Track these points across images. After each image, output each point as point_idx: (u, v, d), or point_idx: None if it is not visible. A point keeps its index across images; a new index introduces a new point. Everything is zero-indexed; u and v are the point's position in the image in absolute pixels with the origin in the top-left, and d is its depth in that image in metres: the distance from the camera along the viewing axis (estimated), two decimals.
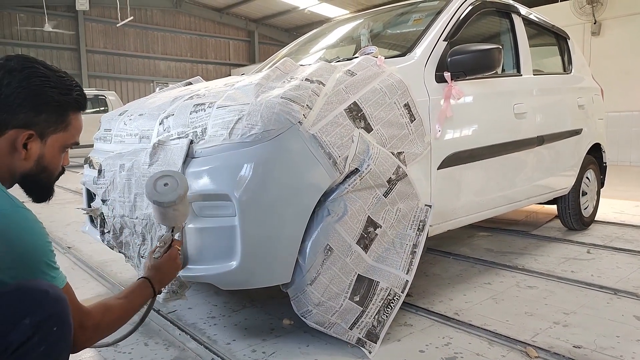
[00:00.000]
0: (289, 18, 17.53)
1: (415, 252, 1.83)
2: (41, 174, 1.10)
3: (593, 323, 1.96)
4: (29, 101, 1.04)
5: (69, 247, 3.28)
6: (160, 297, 1.78)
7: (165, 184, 1.33)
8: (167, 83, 15.90)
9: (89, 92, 11.18)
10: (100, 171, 2.10)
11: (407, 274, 1.80)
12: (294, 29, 18.55)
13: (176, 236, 1.47)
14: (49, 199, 1.18)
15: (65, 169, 1.19)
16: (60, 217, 4.45)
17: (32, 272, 0.97)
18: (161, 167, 1.74)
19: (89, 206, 2.35)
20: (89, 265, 2.83)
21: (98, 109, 10.25)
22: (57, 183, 1.19)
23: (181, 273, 1.69)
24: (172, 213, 1.35)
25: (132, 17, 14.63)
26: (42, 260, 0.99)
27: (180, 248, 1.45)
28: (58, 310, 0.96)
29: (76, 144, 1.16)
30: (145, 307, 1.40)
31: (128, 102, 2.62)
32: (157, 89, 2.96)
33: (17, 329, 0.91)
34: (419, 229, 1.86)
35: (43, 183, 1.13)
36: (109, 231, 2.06)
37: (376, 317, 1.75)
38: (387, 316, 1.77)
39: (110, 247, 2.14)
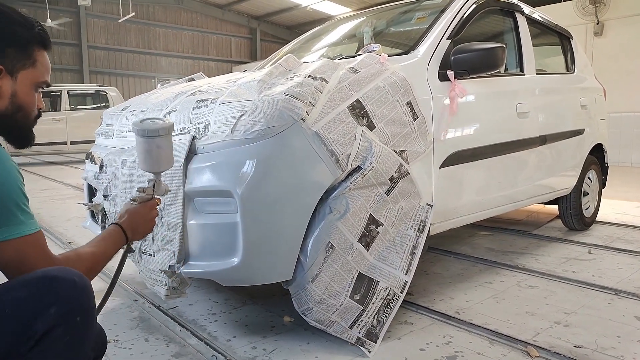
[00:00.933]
0: (291, 15, 17.51)
1: (414, 253, 1.83)
2: (17, 114, 1.09)
3: (594, 323, 1.95)
4: None
5: (69, 243, 3.28)
6: (161, 294, 1.79)
7: (152, 121, 1.32)
8: (168, 79, 15.90)
9: (90, 87, 11.20)
10: (101, 166, 2.09)
11: (406, 274, 1.80)
12: (296, 26, 18.52)
13: (158, 195, 1.38)
14: (30, 144, 1.17)
15: (42, 113, 1.18)
16: (61, 212, 4.45)
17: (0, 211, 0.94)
18: None
19: (90, 201, 2.35)
20: None
21: (99, 105, 10.25)
22: (57, 178, 1.19)
23: (182, 269, 1.69)
24: (155, 151, 1.31)
25: (134, 13, 14.61)
26: (12, 199, 0.95)
27: (159, 203, 1.38)
28: (83, 301, 0.96)
29: (47, 84, 1.15)
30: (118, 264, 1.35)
31: (129, 98, 2.61)
32: (159, 85, 2.95)
33: (42, 318, 0.90)
34: (419, 229, 1.85)
35: (21, 124, 1.12)
36: None
37: (376, 316, 1.74)
38: (386, 316, 1.77)
39: None
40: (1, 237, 0.95)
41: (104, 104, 10.19)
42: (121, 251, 1.33)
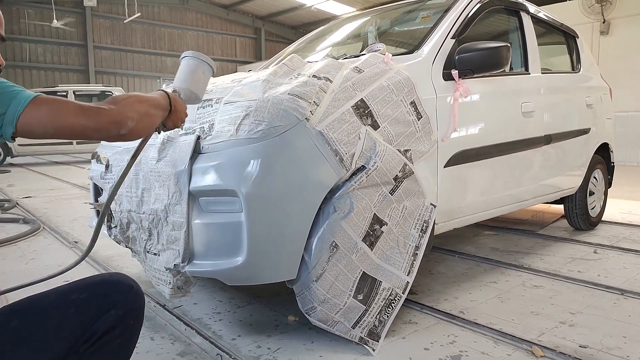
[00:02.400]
0: (295, 15, 17.52)
1: (417, 254, 1.83)
2: None
3: (599, 323, 1.95)
4: None
5: (75, 242, 3.30)
6: (166, 293, 1.79)
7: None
8: (173, 79, 15.97)
9: (96, 88, 11.26)
10: (107, 166, 2.11)
11: (408, 275, 1.80)
12: (301, 26, 18.53)
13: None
14: None
15: (1, 69, 1.15)
16: (67, 212, 4.47)
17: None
18: (169, 162, 1.75)
19: (97, 201, 2.36)
20: (95, 260, 2.85)
21: None
22: (63, 178, 1.19)
23: (187, 268, 1.70)
24: (199, 75, 1.39)
25: (139, 14, 14.67)
26: (2, 87, 0.94)
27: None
28: (139, 305, 1.03)
29: (1, 39, 1.11)
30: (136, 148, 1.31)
31: None
32: (164, 85, 2.96)
33: (104, 319, 0.96)
34: (422, 230, 1.85)
35: None
36: (115, 226, 2.07)
37: (378, 316, 1.75)
38: (387, 316, 1.77)
39: (117, 242, 2.15)
40: (19, 111, 0.93)
41: None
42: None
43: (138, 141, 1.33)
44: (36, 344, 0.92)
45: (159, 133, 1.29)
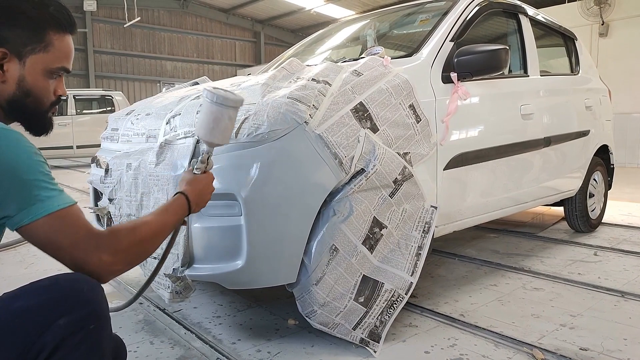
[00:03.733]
0: (294, 19, 17.55)
1: (420, 254, 1.82)
2: (26, 99, 1.01)
3: (600, 325, 1.94)
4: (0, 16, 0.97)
5: None
6: (165, 298, 1.79)
7: (226, 91, 1.26)
8: (173, 83, 16.00)
9: (96, 92, 11.27)
10: (107, 170, 2.11)
11: (411, 275, 1.80)
12: (300, 29, 18.57)
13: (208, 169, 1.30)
14: (48, 131, 1.10)
15: (62, 98, 1.10)
16: None
17: (20, 194, 0.88)
18: (168, 166, 1.75)
19: (96, 205, 2.36)
20: None
21: (105, 109, 10.32)
22: (63, 182, 1.18)
23: (187, 272, 1.70)
24: (225, 122, 1.25)
25: (139, 18, 14.70)
26: (28, 180, 0.88)
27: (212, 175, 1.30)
28: (94, 308, 0.91)
29: (65, 70, 1.06)
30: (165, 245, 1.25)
31: (135, 102, 2.63)
32: (164, 89, 2.97)
33: (51, 330, 0.85)
34: (424, 230, 1.85)
35: (31, 110, 1.03)
36: None
37: (379, 317, 1.74)
38: (389, 316, 1.76)
39: None
40: (25, 221, 0.89)
41: (109, 108, 10.26)
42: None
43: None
44: None
45: (185, 225, 1.28)
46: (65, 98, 1.23)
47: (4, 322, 0.84)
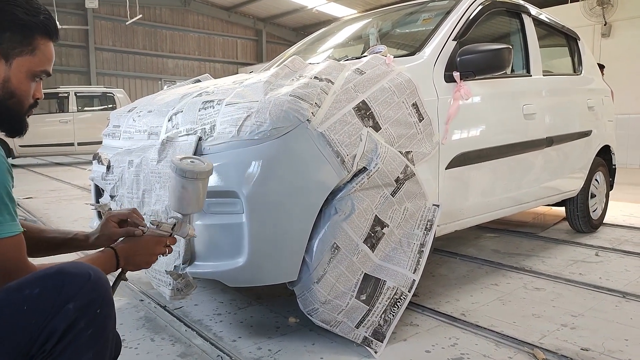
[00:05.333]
0: (296, 17, 17.54)
1: (422, 251, 1.82)
2: (9, 100, 1.05)
3: (601, 326, 1.94)
4: None
5: None
6: (166, 295, 1.79)
7: (192, 162, 1.26)
8: (174, 81, 15.99)
9: (97, 89, 11.28)
10: (108, 167, 2.11)
11: (414, 273, 1.80)
12: (302, 28, 18.56)
13: (178, 235, 1.27)
14: (23, 133, 1.13)
15: (39, 102, 1.14)
16: (68, 212, 4.47)
17: None
18: (169, 163, 1.74)
19: (97, 202, 2.36)
20: None
21: (106, 106, 10.32)
22: (64, 179, 1.18)
23: (188, 270, 1.70)
24: (190, 193, 1.22)
25: (141, 15, 14.69)
26: None
27: (173, 243, 1.28)
28: (100, 293, 0.95)
29: (46, 74, 1.11)
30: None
31: (136, 100, 2.63)
32: (165, 86, 2.96)
33: (61, 314, 0.90)
34: (426, 228, 1.85)
35: (13, 112, 1.07)
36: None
37: (382, 316, 1.74)
38: (393, 315, 1.76)
39: None
40: None
41: (111, 106, 10.26)
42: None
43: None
44: None
45: (125, 280, 1.24)
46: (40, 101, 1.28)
47: (15, 307, 0.88)
